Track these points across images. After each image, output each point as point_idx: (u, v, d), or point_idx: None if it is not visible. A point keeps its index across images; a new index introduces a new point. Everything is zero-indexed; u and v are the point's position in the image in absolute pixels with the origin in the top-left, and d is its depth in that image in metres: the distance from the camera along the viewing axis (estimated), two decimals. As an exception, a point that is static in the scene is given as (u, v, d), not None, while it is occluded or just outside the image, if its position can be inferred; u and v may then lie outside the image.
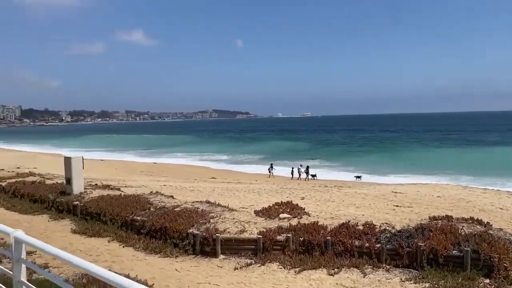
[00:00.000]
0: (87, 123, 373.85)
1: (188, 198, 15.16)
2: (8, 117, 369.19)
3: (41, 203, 13.84)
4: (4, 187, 16.43)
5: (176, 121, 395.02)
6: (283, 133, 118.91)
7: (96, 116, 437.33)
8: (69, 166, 13.58)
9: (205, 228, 9.34)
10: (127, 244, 9.68)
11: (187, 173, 34.34)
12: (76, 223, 11.48)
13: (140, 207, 11.30)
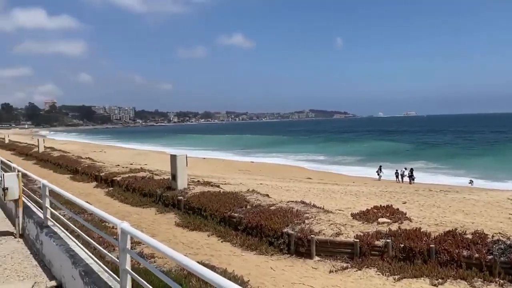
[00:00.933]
0: (191, 124, 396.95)
1: (283, 197, 15.24)
2: (123, 118, 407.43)
3: (149, 197, 14.98)
4: (119, 181, 18.08)
5: (273, 121, 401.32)
6: (384, 133, 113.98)
7: (199, 116, 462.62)
8: (174, 164, 14.48)
9: (300, 229, 9.27)
10: (225, 240, 10.02)
11: (283, 173, 34.62)
12: (180, 217, 12.20)
13: (237, 204, 11.63)
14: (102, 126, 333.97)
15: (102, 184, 19.25)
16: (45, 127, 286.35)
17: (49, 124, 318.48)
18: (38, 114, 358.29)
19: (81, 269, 4.29)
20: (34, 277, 5.41)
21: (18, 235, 7.36)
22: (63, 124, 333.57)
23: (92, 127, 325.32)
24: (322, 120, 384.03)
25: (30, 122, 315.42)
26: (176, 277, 5.68)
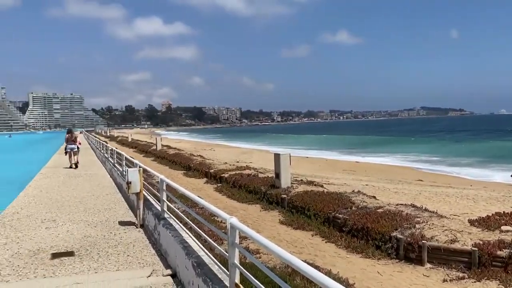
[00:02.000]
0: (294, 123, 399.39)
1: (391, 200, 14.54)
2: (230, 118, 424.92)
3: (254, 194, 15.41)
4: (227, 178, 18.90)
5: (379, 120, 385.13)
6: (507, 133, 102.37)
7: (302, 116, 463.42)
8: (278, 162, 14.69)
9: (410, 233, 8.74)
10: (329, 240, 9.87)
11: (391, 174, 33.02)
12: (283, 215, 12.33)
13: (342, 205, 11.38)
14: (211, 126, 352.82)
15: (211, 180, 20.31)
16: (162, 126, 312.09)
17: (165, 124, 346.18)
18: (156, 115, 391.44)
19: (193, 260, 4.56)
20: (152, 265, 5.90)
21: (139, 225, 8.10)
22: (178, 124, 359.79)
23: (203, 126, 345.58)
24: (434, 118, 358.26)
25: (149, 122, 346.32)
26: (280, 274, 5.73)
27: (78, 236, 7.54)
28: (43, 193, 12.72)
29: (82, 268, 5.79)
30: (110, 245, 6.89)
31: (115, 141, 65.17)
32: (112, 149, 18.87)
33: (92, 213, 9.56)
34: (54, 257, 6.31)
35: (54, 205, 10.65)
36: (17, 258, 6.31)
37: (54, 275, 5.55)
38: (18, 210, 10.14)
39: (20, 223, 8.69)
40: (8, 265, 6.01)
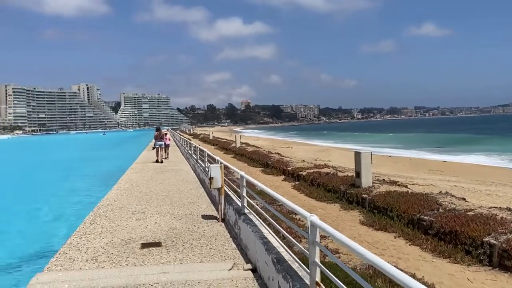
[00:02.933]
0: (376, 120, 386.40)
1: (483, 202, 13.47)
2: (308, 116, 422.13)
3: (333, 193, 15.14)
4: (304, 176, 18.80)
5: (470, 117, 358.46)
6: None
7: (385, 113, 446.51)
8: (358, 161, 14.29)
9: (506, 239, 8.02)
10: (413, 243, 9.40)
11: (483, 175, 30.59)
12: (364, 215, 11.97)
13: (427, 207, 10.77)
14: (289, 124, 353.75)
15: (289, 178, 20.34)
16: (240, 124, 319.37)
17: (244, 122, 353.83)
18: (235, 113, 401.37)
19: (273, 256, 4.61)
20: (233, 258, 6.06)
21: (220, 220, 8.37)
22: (256, 122, 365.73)
23: (280, 124, 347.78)
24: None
25: (229, 121, 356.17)
26: (361, 275, 5.59)
27: (165, 228, 7.99)
28: (133, 187, 13.65)
29: (168, 259, 6.12)
30: (194, 238, 7.20)
31: (197, 138, 67.99)
32: (195, 146, 19.70)
33: (177, 207, 10.06)
34: (143, 247, 6.75)
35: (143, 198, 11.38)
36: (111, 246, 6.84)
37: (144, 264, 5.93)
38: (112, 202, 10.99)
39: (114, 214, 9.41)
40: (103, 252, 6.54)
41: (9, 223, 16.32)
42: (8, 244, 12.97)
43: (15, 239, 13.70)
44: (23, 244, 12.79)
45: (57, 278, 5.42)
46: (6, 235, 14.45)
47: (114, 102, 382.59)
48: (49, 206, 19.43)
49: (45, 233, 14.12)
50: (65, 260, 6.16)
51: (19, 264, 10.84)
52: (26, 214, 18.14)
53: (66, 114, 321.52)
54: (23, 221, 16.57)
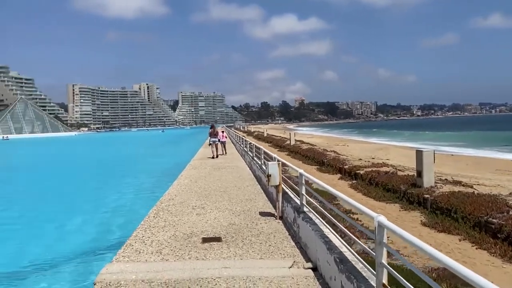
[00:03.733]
0: (437, 117, 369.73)
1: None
2: (365, 113, 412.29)
3: (393, 192, 14.70)
4: (362, 175, 18.40)
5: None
6: None
7: (446, 109, 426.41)
8: (420, 159, 13.77)
9: None
10: (480, 247, 8.92)
11: (558, 176, 28.30)
12: (426, 216, 11.53)
13: (496, 209, 10.17)
14: (344, 121, 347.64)
15: (345, 176, 20.01)
16: (294, 122, 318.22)
17: (298, 120, 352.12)
18: (289, 110, 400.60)
19: (336, 256, 4.56)
20: (293, 256, 6.06)
21: (278, 217, 8.40)
22: (310, 120, 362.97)
23: (335, 122, 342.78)
24: None
25: (283, 118, 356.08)
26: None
27: (224, 223, 8.15)
28: (192, 183, 14.05)
29: (229, 254, 6.25)
30: (253, 234, 7.29)
31: (251, 136, 68.65)
32: (251, 143, 19.91)
33: (235, 203, 10.23)
34: (204, 242, 6.93)
35: (202, 194, 11.68)
36: (174, 240, 7.09)
37: (205, 258, 6.09)
38: (173, 197, 11.38)
39: (175, 209, 9.74)
40: (167, 245, 6.80)
41: (82, 215, 17.38)
42: (79, 237, 13.82)
43: (86, 231, 14.57)
44: (92, 236, 13.58)
45: (124, 269, 5.70)
46: (77, 227, 15.41)
47: (172, 101, 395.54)
48: (113, 200, 20.47)
49: (113, 225, 14.90)
50: (132, 252, 6.46)
51: (90, 254, 11.53)
52: (94, 207, 19.23)
53: (128, 112, 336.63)
54: (94, 214, 17.57)
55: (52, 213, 17.97)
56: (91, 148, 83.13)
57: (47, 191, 25.19)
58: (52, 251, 11.93)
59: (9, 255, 12.06)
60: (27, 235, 14.50)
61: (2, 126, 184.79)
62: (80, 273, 10.05)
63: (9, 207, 20.56)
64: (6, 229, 15.28)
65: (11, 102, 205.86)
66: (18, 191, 26.01)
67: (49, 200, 21.89)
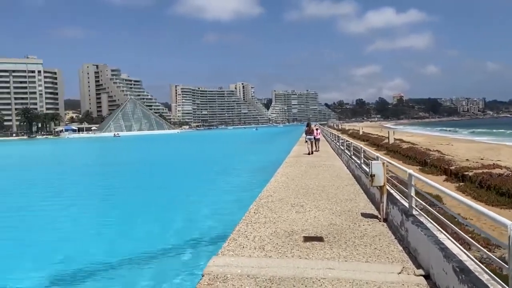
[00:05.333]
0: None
1: None
2: (471, 110, 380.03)
3: (508, 197, 13.27)
4: (471, 177, 16.89)
5: None
6: None
7: None
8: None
9: None
10: None
11: None
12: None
13: None
14: (448, 119, 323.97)
15: (451, 178, 18.54)
16: (392, 120, 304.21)
17: (396, 117, 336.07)
18: (386, 107, 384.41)
19: (454, 265, 4.18)
20: (402, 262, 5.72)
21: (382, 219, 8.02)
22: (409, 117, 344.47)
23: (438, 119, 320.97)
24: None
25: (380, 115, 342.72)
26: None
27: (325, 223, 8.00)
28: (289, 180, 14.08)
29: (332, 255, 6.10)
30: (356, 236, 7.05)
31: (346, 134, 67.06)
32: (348, 141, 19.41)
33: (334, 202, 10.01)
34: (306, 240, 6.86)
35: (300, 192, 11.63)
36: (275, 237, 7.12)
37: (308, 257, 6.01)
38: (271, 193, 11.49)
39: (274, 205, 9.81)
40: (269, 242, 6.85)
41: (189, 210, 18.45)
42: (187, 230, 14.66)
43: (190, 225, 15.41)
44: (196, 229, 14.32)
45: (230, 263, 5.86)
46: (182, 221, 16.37)
47: (266, 99, 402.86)
48: (214, 195, 21.39)
49: (217, 219, 15.57)
50: (236, 246, 6.63)
51: (195, 246, 12.17)
52: (198, 201, 20.27)
53: (225, 111, 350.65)
54: (198, 207, 18.55)
55: (158, 207, 19.33)
56: (192, 145, 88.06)
57: (156, 186, 27.20)
58: (163, 242, 12.82)
59: (134, 241, 13.22)
60: (138, 225, 15.77)
61: (115, 124, 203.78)
62: (188, 264, 10.63)
63: (128, 199, 22.58)
64: (123, 221, 16.79)
65: (122, 102, 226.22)
66: (138, 186, 28.46)
67: (157, 194, 23.59)
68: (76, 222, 16.51)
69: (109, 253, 11.84)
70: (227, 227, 10.91)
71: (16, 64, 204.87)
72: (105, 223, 16.27)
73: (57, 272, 10.58)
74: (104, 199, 22.80)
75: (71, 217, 17.31)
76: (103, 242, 13.34)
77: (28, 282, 9.97)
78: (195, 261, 10.50)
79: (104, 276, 10.28)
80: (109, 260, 11.19)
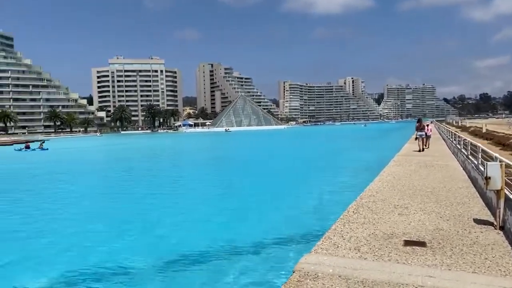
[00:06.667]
0: None
1: None
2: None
3: None
4: None
5: None
6: None
7: None
8: None
9: None
10: None
11: None
12: None
13: None
14: None
15: None
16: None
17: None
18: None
19: None
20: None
21: (498, 227, 7.18)
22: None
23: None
24: None
25: (508, 111, 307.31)
26: None
27: (430, 227, 7.43)
28: (395, 180, 13.35)
29: (434, 262, 5.64)
30: (464, 243, 6.41)
31: (466, 131, 61.36)
32: (465, 139, 17.76)
33: (444, 206, 9.23)
34: (406, 244, 6.44)
35: (406, 193, 10.96)
36: (373, 238, 6.81)
37: (407, 263, 5.64)
38: (374, 193, 11.01)
39: (376, 206, 9.39)
40: (365, 243, 6.58)
41: (289, 204, 18.71)
42: (280, 226, 14.86)
43: (286, 220, 15.57)
44: (293, 226, 14.40)
45: (322, 261, 5.76)
46: (279, 216, 16.61)
47: (377, 94, 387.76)
48: (316, 193, 21.29)
49: (312, 216, 15.50)
50: (330, 245, 6.49)
51: (288, 242, 12.27)
52: (295, 197, 20.39)
53: (332, 107, 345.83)
54: (295, 203, 18.68)
55: (258, 201, 19.84)
56: (297, 140, 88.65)
57: (261, 178, 27.96)
58: (254, 236, 13.15)
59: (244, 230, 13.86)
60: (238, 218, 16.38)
61: (226, 119, 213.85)
62: (279, 260, 10.76)
63: (236, 192, 23.66)
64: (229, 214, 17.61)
65: (233, 99, 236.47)
66: (254, 182, 29.71)
67: (257, 188, 24.25)
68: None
69: (211, 241, 12.51)
70: (323, 225, 10.77)
71: (142, 65, 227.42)
72: (217, 212, 17.21)
73: (174, 253, 11.51)
74: (222, 188, 24.13)
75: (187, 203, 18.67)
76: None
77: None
78: (286, 257, 10.58)
79: (194, 263, 10.90)
80: (207, 249, 11.83)
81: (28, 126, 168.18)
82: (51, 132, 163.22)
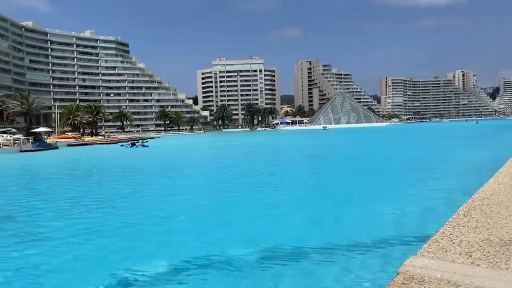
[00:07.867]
0: None
1: None
2: None
3: None
4: None
5: None
6: None
7: None
8: None
9: None
10: None
11: None
12: None
13: None
14: None
15: None
16: None
17: None
18: None
19: None
20: None
21: None
22: None
23: None
24: None
25: None
26: None
27: (557, 235, 6.64)
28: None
29: (562, 274, 5.04)
30: None
31: None
32: None
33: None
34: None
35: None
36: (487, 244, 6.29)
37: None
38: (488, 196, 10.12)
39: (490, 209, 8.63)
40: (478, 248, 6.10)
41: (390, 204, 18.07)
42: (383, 226, 14.40)
43: (390, 222, 15.03)
44: (395, 227, 13.87)
45: (428, 265, 5.48)
46: (383, 218, 16.08)
47: (491, 88, 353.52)
48: (417, 194, 20.23)
49: (417, 219, 14.77)
50: (437, 248, 6.15)
51: (391, 244, 11.84)
52: (402, 196, 19.55)
53: (440, 102, 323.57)
54: (400, 204, 17.94)
55: (360, 200, 19.40)
56: (401, 138, 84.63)
57: (352, 178, 27.36)
58: (356, 236, 12.90)
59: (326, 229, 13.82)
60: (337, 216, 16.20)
61: (324, 117, 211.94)
62: (382, 261, 10.43)
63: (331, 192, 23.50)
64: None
65: (332, 96, 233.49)
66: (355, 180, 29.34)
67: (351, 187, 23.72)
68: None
69: (301, 240, 12.59)
70: (429, 228, 10.19)
71: (242, 65, 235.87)
72: (310, 210, 17.28)
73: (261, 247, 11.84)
74: (317, 187, 24.20)
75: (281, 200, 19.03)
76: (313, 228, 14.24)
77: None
78: (388, 259, 10.20)
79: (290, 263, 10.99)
80: (302, 245, 11.90)
81: (141, 124, 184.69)
82: (161, 130, 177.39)
